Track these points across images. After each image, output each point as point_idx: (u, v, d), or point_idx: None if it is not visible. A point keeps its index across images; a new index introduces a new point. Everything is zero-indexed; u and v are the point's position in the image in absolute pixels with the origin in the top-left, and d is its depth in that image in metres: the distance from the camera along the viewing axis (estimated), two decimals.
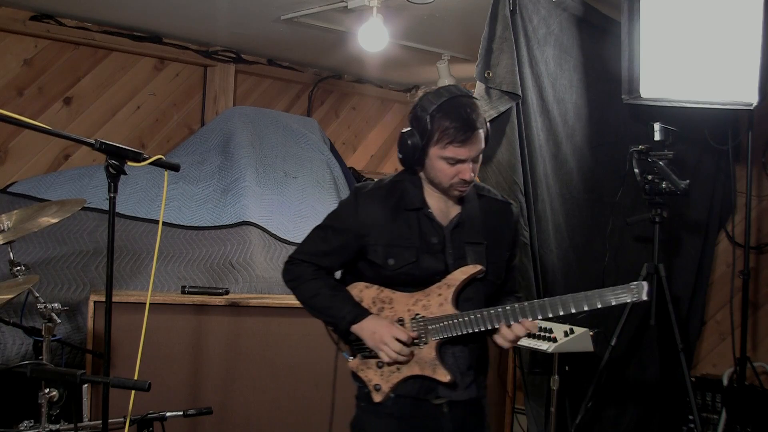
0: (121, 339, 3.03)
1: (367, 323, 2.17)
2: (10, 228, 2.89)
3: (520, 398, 3.97)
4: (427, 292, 2.18)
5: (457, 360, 2.21)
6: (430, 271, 2.17)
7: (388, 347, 2.13)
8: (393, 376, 2.18)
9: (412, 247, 2.16)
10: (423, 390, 2.19)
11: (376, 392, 2.20)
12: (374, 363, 2.20)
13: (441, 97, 2.12)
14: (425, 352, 2.16)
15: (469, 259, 2.18)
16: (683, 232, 4.07)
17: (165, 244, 3.85)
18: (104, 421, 2.04)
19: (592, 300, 2.10)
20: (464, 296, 2.18)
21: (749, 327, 3.87)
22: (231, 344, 3.36)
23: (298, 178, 4.67)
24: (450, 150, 2.09)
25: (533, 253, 3.33)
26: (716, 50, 3.36)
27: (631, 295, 2.07)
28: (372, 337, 2.16)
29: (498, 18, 3.14)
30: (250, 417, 3.37)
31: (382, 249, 2.17)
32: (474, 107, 2.11)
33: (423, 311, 2.17)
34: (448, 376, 2.15)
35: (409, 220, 2.19)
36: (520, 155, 3.24)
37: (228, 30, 4.68)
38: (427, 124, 2.10)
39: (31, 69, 4.45)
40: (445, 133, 2.08)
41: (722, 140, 4.00)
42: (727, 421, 3.84)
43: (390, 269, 2.17)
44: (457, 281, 2.16)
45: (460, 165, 2.11)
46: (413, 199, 2.20)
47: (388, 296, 2.21)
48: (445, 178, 2.14)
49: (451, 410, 2.22)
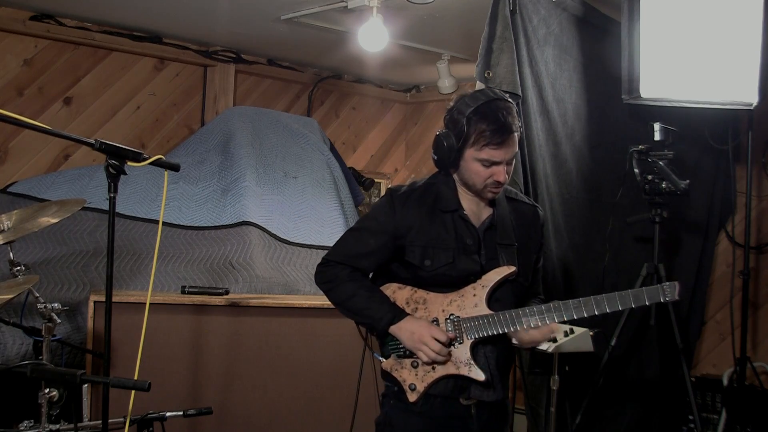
0: (121, 339, 3.03)
1: (405, 324, 2.20)
2: (10, 228, 2.89)
3: (520, 398, 3.97)
4: (462, 293, 2.21)
5: (488, 360, 2.25)
6: (466, 272, 2.21)
7: (428, 347, 2.16)
8: (428, 375, 2.21)
9: (448, 248, 2.20)
10: (456, 390, 2.22)
11: (411, 392, 2.22)
12: (409, 363, 2.23)
13: (478, 101, 2.16)
14: (460, 351, 2.20)
15: (501, 261, 2.23)
16: (683, 232, 4.07)
17: (165, 244, 3.85)
18: (104, 421, 2.04)
19: (625, 300, 2.17)
20: (495, 297, 2.23)
21: (749, 327, 3.87)
22: (231, 344, 3.36)
23: (298, 178, 4.67)
24: (486, 152, 2.13)
25: None
26: (716, 50, 3.36)
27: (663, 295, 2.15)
28: (411, 337, 2.18)
29: (498, 18, 3.14)
30: (250, 417, 3.37)
31: (419, 250, 2.21)
32: (510, 110, 2.15)
33: (457, 311, 2.21)
34: (483, 375, 2.18)
35: (445, 221, 2.23)
36: (519, 155, 3.24)
37: (228, 30, 4.68)
38: (463, 126, 2.14)
39: (31, 69, 4.45)
40: (481, 136, 2.12)
41: (722, 140, 4.00)
42: (727, 421, 3.84)
43: (427, 270, 2.21)
44: (492, 282, 2.20)
45: (495, 167, 2.16)
46: (448, 201, 2.24)
47: (422, 297, 2.24)
48: (479, 179, 2.18)
49: (478, 411, 2.25)
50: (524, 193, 3.25)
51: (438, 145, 2.20)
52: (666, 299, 2.15)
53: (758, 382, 3.92)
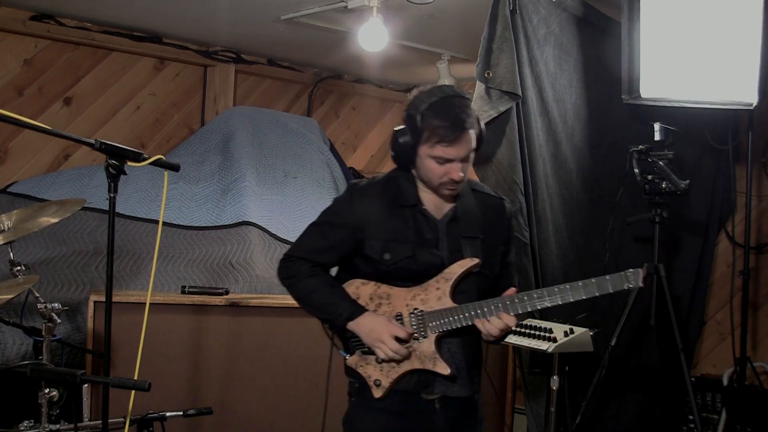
0: (121, 339, 3.03)
1: (363, 320, 2.18)
2: (10, 228, 2.89)
3: (520, 398, 3.97)
4: (425, 287, 2.19)
5: (453, 355, 2.22)
6: (427, 265, 2.19)
7: (386, 345, 2.14)
8: (393, 371, 2.19)
9: (408, 242, 2.18)
10: (419, 385, 2.20)
11: (376, 387, 2.20)
12: (373, 359, 2.21)
13: (433, 97, 2.12)
14: (425, 346, 2.18)
15: (465, 253, 2.20)
16: (683, 232, 4.07)
17: (165, 244, 3.85)
18: (104, 421, 2.04)
19: (589, 288, 2.12)
20: (459, 290, 2.20)
21: (749, 327, 3.87)
22: (231, 344, 3.36)
23: (298, 178, 4.67)
24: (439, 149, 2.10)
25: (533, 253, 3.33)
26: (716, 50, 3.36)
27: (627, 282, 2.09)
28: (369, 335, 2.17)
29: (498, 18, 3.14)
30: (250, 417, 3.37)
31: (378, 244, 2.19)
32: (465, 107, 2.12)
33: (421, 305, 2.19)
34: (449, 369, 2.16)
35: (404, 215, 2.20)
36: (520, 155, 3.24)
37: (228, 30, 4.67)
38: (417, 123, 2.11)
39: (31, 69, 4.45)
40: (434, 133, 2.09)
41: (722, 140, 4.00)
42: (727, 421, 3.84)
43: (386, 264, 2.19)
44: (455, 275, 2.17)
45: (449, 165, 2.12)
46: (407, 196, 2.22)
47: (385, 292, 2.22)
48: (434, 177, 2.15)
49: (443, 406, 2.23)
50: (524, 194, 3.27)
51: (394, 142, 2.18)
52: (630, 286, 2.10)
53: (758, 382, 3.92)
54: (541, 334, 3.09)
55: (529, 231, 3.30)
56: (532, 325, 3.19)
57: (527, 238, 3.29)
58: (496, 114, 3.14)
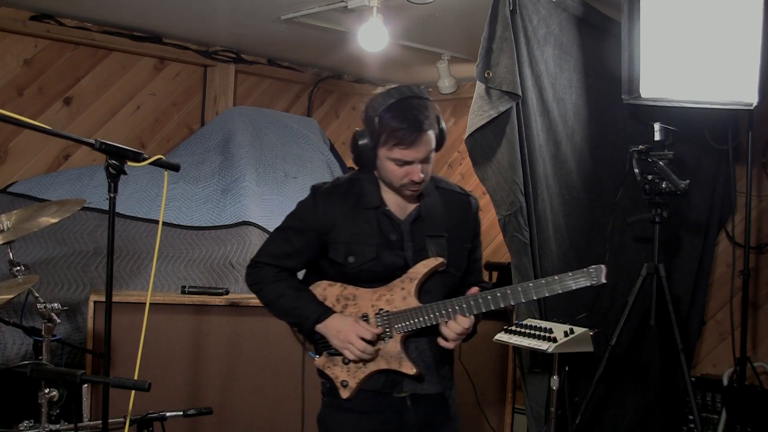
0: (121, 339, 3.03)
1: (331, 322, 2.20)
2: (10, 228, 2.89)
3: (520, 398, 3.97)
4: (390, 287, 2.21)
5: (421, 353, 2.24)
6: (391, 266, 2.20)
7: (353, 346, 2.16)
8: (360, 371, 2.21)
9: (372, 244, 2.19)
10: (388, 384, 2.22)
11: (343, 388, 2.23)
12: (340, 360, 2.23)
13: (390, 98, 2.11)
14: (390, 346, 2.20)
15: (429, 252, 2.21)
16: (683, 232, 4.07)
17: (165, 244, 3.85)
18: (104, 421, 2.04)
19: (552, 286, 2.14)
20: (425, 289, 2.21)
21: (749, 327, 3.87)
22: (231, 344, 3.36)
23: (298, 178, 4.67)
24: (397, 152, 2.10)
25: (533, 253, 3.33)
26: (716, 50, 3.35)
27: (589, 278, 2.11)
28: (337, 336, 2.19)
29: (498, 18, 3.14)
30: (250, 417, 3.37)
31: (342, 247, 2.20)
32: (423, 108, 2.10)
33: (387, 306, 2.20)
34: (414, 369, 2.18)
35: (368, 217, 2.21)
36: (520, 155, 3.24)
37: (228, 30, 4.67)
38: (375, 125, 2.11)
39: (31, 69, 4.45)
40: (392, 135, 2.08)
41: (722, 140, 4.00)
42: (727, 421, 3.84)
43: (351, 267, 2.20)
44: (420, 274, 2.19)
45: (409, 166, 2.12)
46: (371, 198, 2.23)
47: (351, 293, 2.23)
48: (395, 178, 2.16)
49: (414, 404, 2.25)
50: (524, 194, 3.26)
51: (354, 144, 2.18)
52: (593, 283, 2.11)
53: (758, 382, 3.92)
54: (541, 334, 3.09)
55: (529, 231, 3.29)
56: (532, 325, 3.19)
57: (527, 238, 3.29)
58: (496, 114, 3.13)
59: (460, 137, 3.69)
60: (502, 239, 3.50)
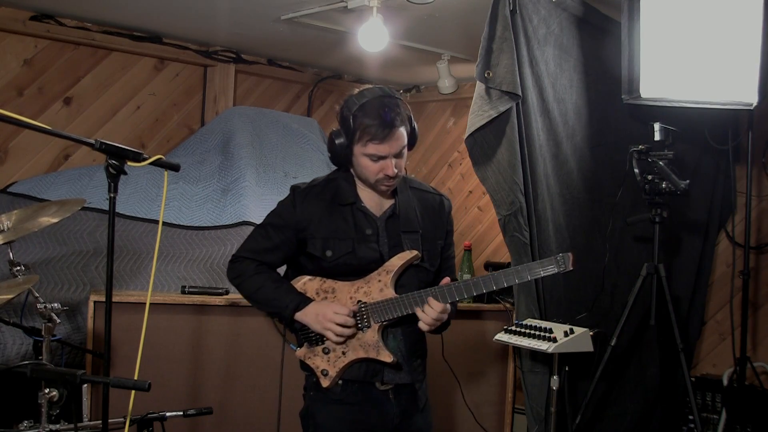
0: (121, 339, 3.03)
1: (309, 308, 2.30)
2: (10, 228, 2.89)
3: (520, 398, 3.97)
4: (368, 279, 2.31)
5: (398, 343, 2.35)
6: (366, 259, 2.31)
7: (333, 323, 2.25)
8: (339, 360, 2.30)
9: (348, 238, 2.30)
10: (369, 373, 2.31)
11: (324, 377, 2.30)
12: (321, 350, 2.32)
13: (363, 98, 2.27)
14: (368, 335, 2.29)
15: (405, 247, 2.32)
16: (683, 232, 4.07)
17: (165, 244, 3.85)
18: (104, 421, 2.04)
19: (521, 274, 2.24)
20: (400, 283, 2.32)
21: (749, 327, 3.87)
22: (231, 344, 3.36)
23: (298, 178, 4.66)
24: (371, 147, 2.23)
25: (533, 253, 3.33)
26: (716, 50, 3.35)
27: (557, 266, 2.21)
28: (316, 319, 2.28)
29: (498, 18, 3.14)
30: (250, 417, 3.37)
31: (320, 242, 2.30)
32: (394, 106, 2.24)
33: (365, 297, 2.30)
34: (392, 357, 2.27)
35: (344, 214, 2.33)
36: (520, 155, 3.24)
37: (228, 30, 4.67)
38: (350, 123, 2.25)
39: (31, 69, 4.45)
40: (365, 131, 2.22)
41: (722, 140, 4.00)
42: (727, 421, 3.84)
43: (328, 260, 2.30)
44: (395, 267, 2.29)
45: (383, 162, 2.25)
46: (346, 195, 2.34)
47: (330, 286, 2.33)
48: (370, 174, 2.27)
49: (396, 396, 2.35)
50: (524, 194, 3.27)
51: (330, 144, 2.32)
52: (560, 270, 2.20)
53: (758, 382, 3.92)
54: (541, 334, 3.09)
55: (529, 231, 3.29)
56: (532, 325, 3.19)
57: (527, 238, 3.29)
58: (496, 114, 3.14)
59: (460, 137, 3.70)
60: (502, 239, 3.50)
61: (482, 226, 5.54)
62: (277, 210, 2.42)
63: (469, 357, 3.82)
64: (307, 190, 2.37)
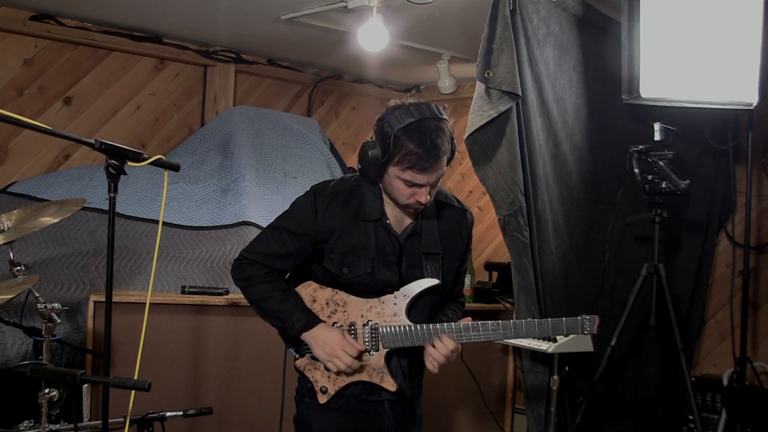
0: (121, 339, 3.03)
1: (318, 332, 2.18)
2: (10, 228, 2.89)
3: (520, 398, 3.98)
4: (383, 300, 2.19)
5: (401, 364, 2.26)
6: (384, 283, 2.19)
7: (339, 360, 2.15)
8: (340, 380, 2.22)
9: (368, 257, 2.17)
10: (365, 392, 2.24)
11: (322, 394, 2.23)
12: (322, 366, 2.23)
13: (409, 117, 2.06)
14: (375, 359, 2.20)
15: (424, 270, 2.20)
16: (683, 232, 4.07)
17: (165, 244, 3.85)
18: (104, 421, 2.03)
19: (544, 328, 2.19)
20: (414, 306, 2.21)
21: (749, 327, 3.87)
22: (231, 344, 3.36)
23: (298, 178, 4.67)
24: (409, 174, 2.07)
25: (533, 253, 3.33)
26: (716, 50, 3.36)
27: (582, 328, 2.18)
28: (323, 348, 2.17)
29: (498, 18, 3.14)
30: (250, 417, 3.37)
31: (338, 257, 2.17)
32: (440, 132, 2.07)
33: (376, 318, 2.19)
34: (395, 386, 2.19)
35: (366, 229, 2.18)
36: (520, 155, 3.24)
37: (228, 30, 4.67)
38: (390, 142, 2.06)
39: (31, 69, 4.45)
40: (406, 158, 2.05)
41: (722, 140, 4.00)
42: (727, 421, 3.84)
43: (344, 278, 2.18)
44: (413, 293, 2.18)
45: (417, 188, 2.10)
46: (372, 210, 2.19)
47: (342, 299, 2.21)
48: (401, 197, 2.13)
49: (392, 406, 2.28)
50: (524, 194, 3.27)
51: (363, 155, 2.12)
52: (585, 332, 2.19)
53: (758, 382, 3.92)
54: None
55: (529, 231, 3.30)
56: None
57: (527, 238, 3.29)
58: (496, 114, 3.14)
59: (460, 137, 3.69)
60: (502, 239, 3.50)
61: (482, 226, 5.54)
62: (295, 214, 2.23)
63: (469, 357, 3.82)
64: (330, 196, 2.18)
